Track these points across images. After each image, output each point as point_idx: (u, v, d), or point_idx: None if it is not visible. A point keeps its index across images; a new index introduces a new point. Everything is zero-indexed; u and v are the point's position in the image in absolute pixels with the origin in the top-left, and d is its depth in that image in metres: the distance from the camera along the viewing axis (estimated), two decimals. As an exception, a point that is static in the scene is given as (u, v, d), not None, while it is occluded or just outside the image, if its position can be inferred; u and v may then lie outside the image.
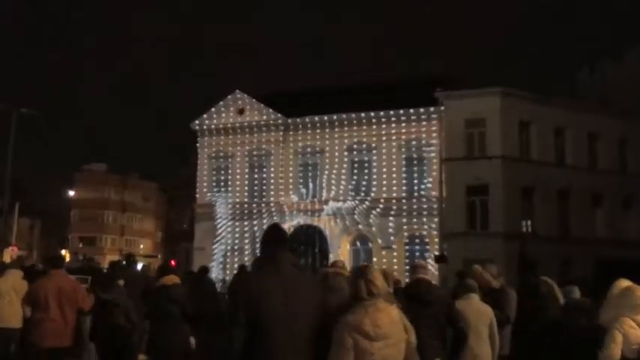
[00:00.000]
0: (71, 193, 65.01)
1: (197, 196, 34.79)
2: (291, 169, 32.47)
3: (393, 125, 30.38)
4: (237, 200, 33.20)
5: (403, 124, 30.22)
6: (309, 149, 32.27)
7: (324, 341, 3.52)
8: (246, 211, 32.82)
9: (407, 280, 8.60)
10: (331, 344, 3.51)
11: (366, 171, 31.07)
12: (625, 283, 4.37)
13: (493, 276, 7.70)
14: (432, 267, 26.58)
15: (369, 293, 3.67)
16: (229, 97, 34.38)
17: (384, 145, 30.44)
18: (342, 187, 31.15)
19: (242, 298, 3.69)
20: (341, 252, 30.19)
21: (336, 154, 31.44)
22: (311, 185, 32.18)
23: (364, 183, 31.04)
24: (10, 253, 27.44)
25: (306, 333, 3.56)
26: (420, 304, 5.48)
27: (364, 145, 31.06)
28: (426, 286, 5.91)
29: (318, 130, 32.08)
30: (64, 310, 6.63)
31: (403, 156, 30.32)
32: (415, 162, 30.23)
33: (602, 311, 4.40)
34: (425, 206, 29.18)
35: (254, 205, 32.82)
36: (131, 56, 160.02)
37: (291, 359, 3.48)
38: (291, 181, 32.34)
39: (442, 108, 28.65)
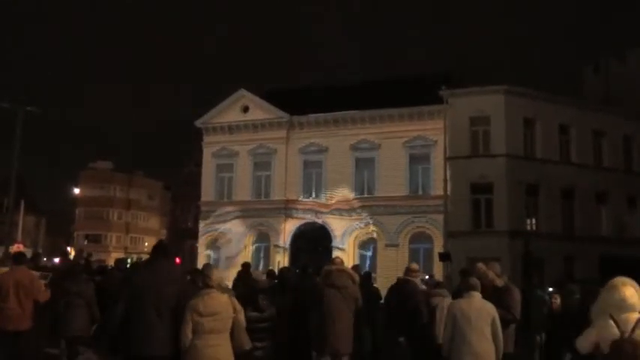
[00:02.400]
0: (76, 190, 65.26)
1: (202, 193, 34.88)
2: (295, 167, 32.47)
3: (397, 123, 30.32)
4: (242, 198, 33.24)
5: (407, 122, 30.16)
6: (313, 147, 32.25)
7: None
8: (250, 209, 32.85)
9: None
10: None
11: (370, 169, 31.06)
12: (620, 279, 4.34)
13: (497, 274, 7.72)
14: (437, 266, 26.73)
15: (205, 285, 5.63)
16: (234, 95, 34.41)
17: (388, 143, 30.39)
18: (346, 185, 31.15)
19: (128, 281, 5.86)
20: (346, 250, 30.21)
21: (341, 152, 31.41)
22: (315, 183, 32.19)
23: (368, 181, 31.06)
24: (15, 251, 27.59)
25: (167, 306, 5.43)
26: (400, 299, 7.45)
27: (368, 143, 31.03)
28: (410, 286, 7.70)
29: (322, 128, 32.04)
30: (21, 299, 7.73)
31: (407, 154, 30.28)
32: (419, 160, 30.19)
33: (593, 306, 4.40)
34: (429, 204, 29.14)
35: (258, 203, 32.85)
36: (136, 55, 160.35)
37: (156, 321, 5.39)
38: (295, 179, 32.35)
39: (446, 106, 28.60)
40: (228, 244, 33.30)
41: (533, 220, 28.21)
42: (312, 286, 7.98)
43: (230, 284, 12.70)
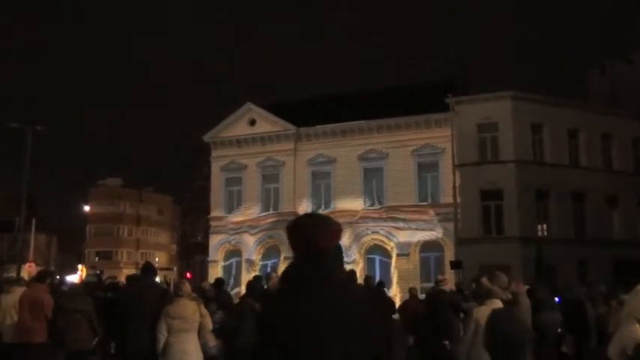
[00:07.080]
0: (86, 208, 65.58)
1: (211, 208, 34.91)
2: (303, 178, 32.46)
3: (405, 132, 30.30)
4: (251, 211, 33.25)
5: (415, 131, 30.13)
6: (321, 158, 32.26)
7: None
8: (259, 222, 32.83)
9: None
10: None
11: (378, 178, 31.00)
12: None
13: (501, 287, 7.63)
14: (449, 274, 26.59)
15: (176, 294, 7.06)
16: (241, 108, 34.53)
17: (396, 152, 30.35)
18: (355, 195, 31.09)
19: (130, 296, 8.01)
20: (356, 260, 30.10)
21: (349, 162, 31.38)
22: (324, 194, 32.15)
23: (377, 190, 30.98)
24: (27, 270, 27.71)
25: (153, 315, 6.95)
26: (440, 307, 8.39)
27: (376, 153, 30.99)
28: (447, 294, 8.88)
29: (329, 139, 32.07)
30: (33, 315, 8.34)
31: (416, 162, 30.21)
32: (428, 168, 30.11)
33: (622, 310, 4.39)
34: (439, 212, 29.03)
35: (267, 216, 32.82)
36: (142, 70, 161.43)
37: (141, 325, 7.04)
38: (304, 190, 32.33)
39: (453, 113, 28.54)
40: (239, 258, 33.30)
41: (545, 226, 28.03)
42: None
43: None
